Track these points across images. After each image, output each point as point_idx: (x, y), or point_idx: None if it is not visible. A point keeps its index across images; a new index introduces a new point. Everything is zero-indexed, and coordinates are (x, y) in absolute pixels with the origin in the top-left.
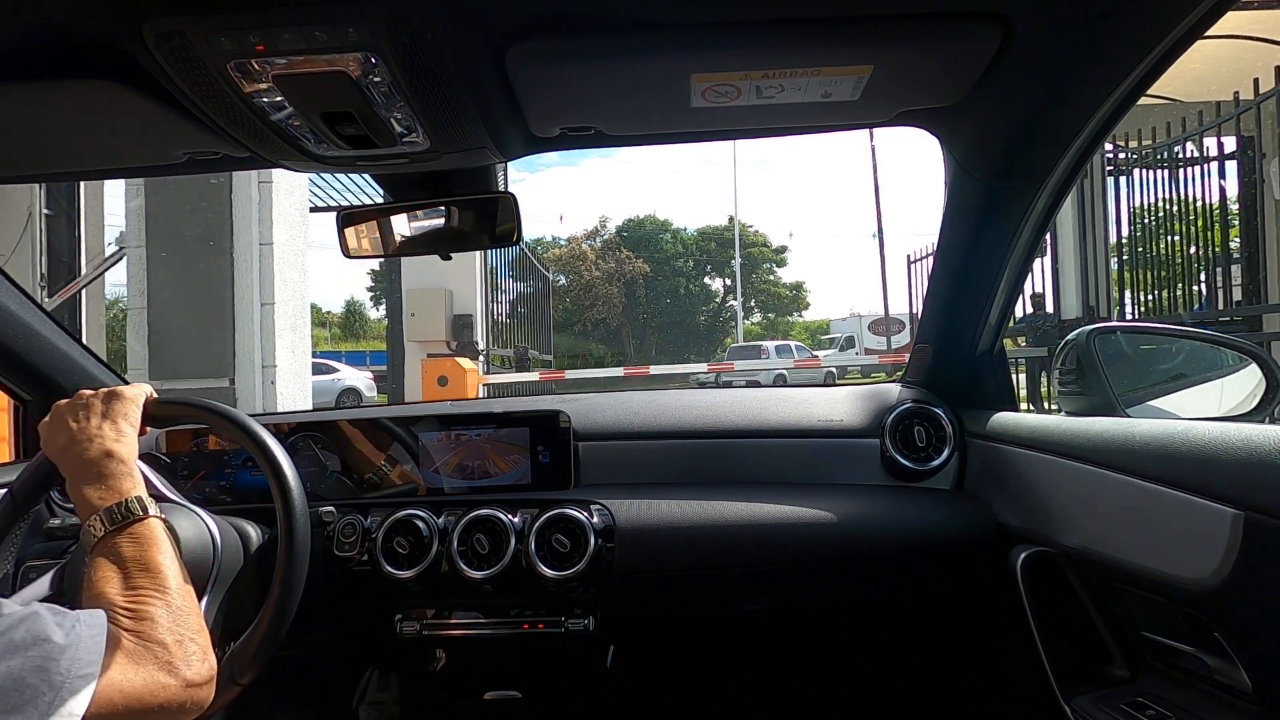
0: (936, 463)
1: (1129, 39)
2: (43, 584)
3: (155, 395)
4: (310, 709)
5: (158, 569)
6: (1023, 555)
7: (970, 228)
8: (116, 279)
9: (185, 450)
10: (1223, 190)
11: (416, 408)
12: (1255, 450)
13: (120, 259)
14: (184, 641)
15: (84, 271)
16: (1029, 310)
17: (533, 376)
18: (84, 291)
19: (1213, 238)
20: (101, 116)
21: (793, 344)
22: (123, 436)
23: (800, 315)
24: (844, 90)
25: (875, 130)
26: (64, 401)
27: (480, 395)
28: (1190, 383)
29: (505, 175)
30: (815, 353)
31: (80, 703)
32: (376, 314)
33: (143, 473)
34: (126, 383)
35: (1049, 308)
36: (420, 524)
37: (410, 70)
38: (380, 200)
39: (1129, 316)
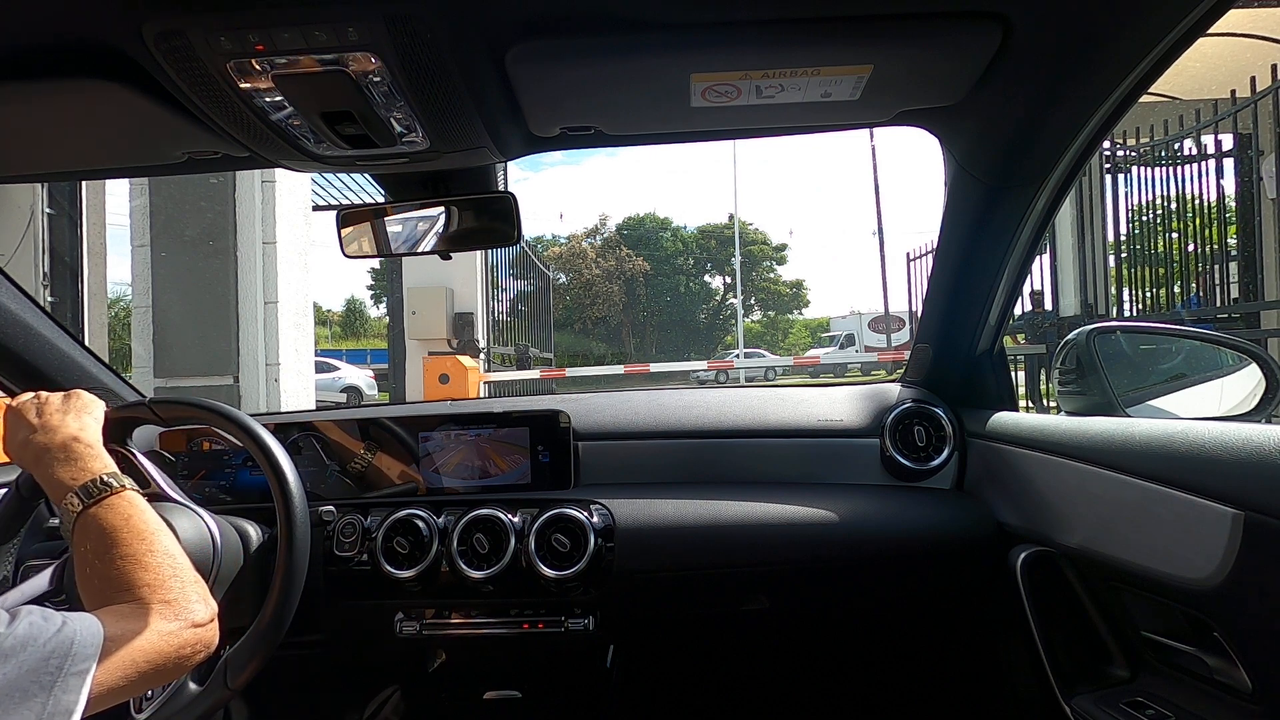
0: (936, 462)
1: (1129, 39)
2: (42, 580)
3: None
4: (311, 712)
5: (143, 531)
6: (1023, 555)
7: (970, 227)
8: (119, 278)
9: (184, 450)
10: (1220, 188)
11: (416, 407)
12: (1255, 450)
13: None
14: (185, 589)
15: (86, 271)
16: (1027, 307)
17: (534, 374)
18: (86, 290)
19: (1210, 235)
20: (101, 116)
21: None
22: (85, 428)
23: (800, 313)
24: (844, 90)
25: (875, 130)
26: (16, 400)
27: (481, 393)
28: (1190, 382)
29: (505, 175)
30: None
31: (76, 700)
32: (377, 312)
33: (146, 470)
34: (126, 382)
35: (1047, 305)
36: (420, 524)
37: (410, 70)
38: (380, 200)
39: (1127, 313)
